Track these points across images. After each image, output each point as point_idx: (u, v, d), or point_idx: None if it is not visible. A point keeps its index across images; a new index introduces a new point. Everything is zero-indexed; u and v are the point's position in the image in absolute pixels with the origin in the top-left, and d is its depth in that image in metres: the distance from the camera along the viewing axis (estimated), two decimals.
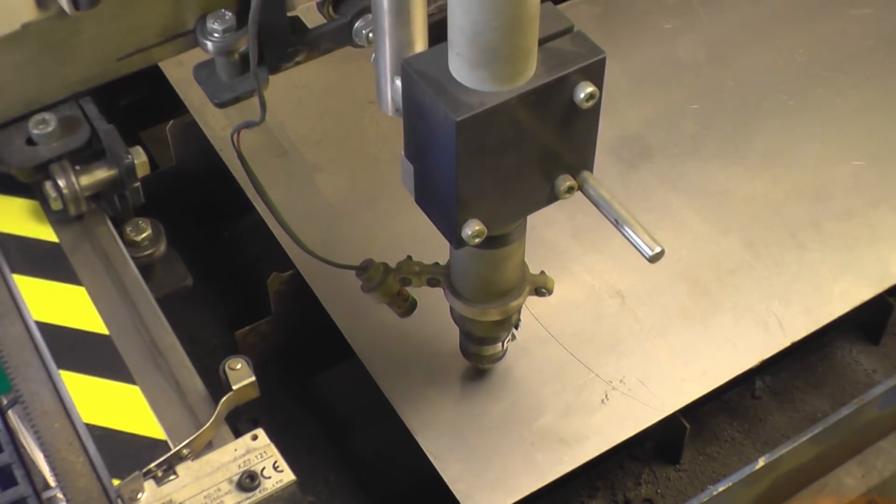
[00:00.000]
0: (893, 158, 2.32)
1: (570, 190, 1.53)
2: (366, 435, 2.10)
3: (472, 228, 1.49)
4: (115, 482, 1.48)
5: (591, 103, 1.44)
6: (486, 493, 1.83)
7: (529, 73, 1.40)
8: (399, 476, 2.03)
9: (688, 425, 1.99)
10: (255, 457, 1.52)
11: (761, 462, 1.87)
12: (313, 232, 2.17)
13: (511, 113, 1.41)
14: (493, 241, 1.57)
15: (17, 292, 1.70)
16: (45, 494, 1.83)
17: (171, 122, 2.29)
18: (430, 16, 1.58)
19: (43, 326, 1.65)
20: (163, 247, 1.86)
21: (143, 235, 1.84)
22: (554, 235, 2.16)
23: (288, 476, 1.51)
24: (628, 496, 2.01)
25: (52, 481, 1.71)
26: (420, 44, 1.58)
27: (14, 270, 1.73)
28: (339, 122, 2.35)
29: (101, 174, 1.79)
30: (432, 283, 1.79)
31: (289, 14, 1.82)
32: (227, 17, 1.76)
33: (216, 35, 1.76)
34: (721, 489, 1.84)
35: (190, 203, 2.36)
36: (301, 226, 2.17)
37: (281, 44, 1.79)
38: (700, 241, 2.17)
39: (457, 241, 1.51)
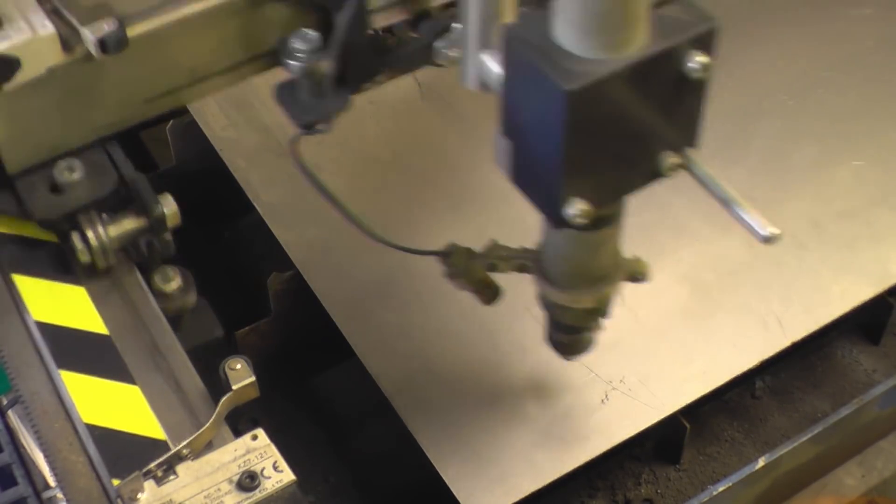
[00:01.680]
0: (893, 158, 2.32)
1: (675, 167, 1.45)
2: (366, 435, 2.10)
3: (577, 207, 1.40)
4: (115, 482, 1.48)
5: (701, 74, 1.36)
6: (486, 493, 1.83)
7: (641, 40, 1.32)
8: (399, 476, 2.03)
9: (688, 425, 1.99)
10: (255, 457, 1.52)
11: (761, 462, 1.87)
12: (313, 232, 2.17)
13: (622, 83, 1.31)
14: (593, 224, 1.47)
15: (17, 292, 1.70)
16: (45, 494, 1.83)
17: (171, 121, 2.29)
18: None
19: (43, 326, 1.65)
20: (192, 297, 1.78)
21: (172, 285, 1.76)
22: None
23: (288, 476, 1.51)
24: (628, 496, 2.01)
25: (52, 481, 1.71)
26: (509, 15, 1.50)
27: (14, 270, 1.72)
28: (339, 123, 2.34)
29: (129, 224, 1.71)
30: (521, 268, 1.71)
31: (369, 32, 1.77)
32: (311, 37, 1.69)
33: (300, 55, 1.69)
34: (721, 489, 1.84)
35: (190, 203, 2.36)
36: (301, 226, 2.18)
37: (363, 63, 1.74)
38: (700, 241, 2.17)
39: (559, 222, 1.42)
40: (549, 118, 1.34)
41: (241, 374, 1.59)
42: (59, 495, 1.57)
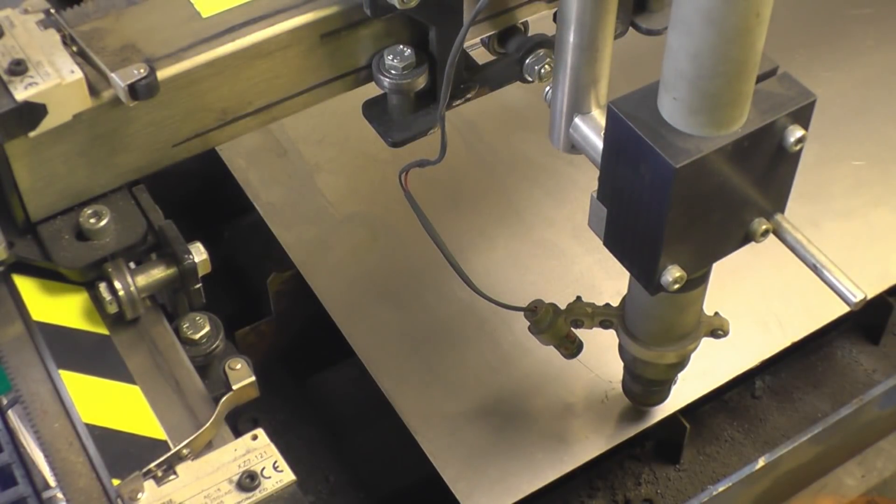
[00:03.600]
0: (893, 158, 2.32)
1: (766, 233, 1.51)
2: (366, 435, 2.11)
3: (673, 275, 1.45)
4: (115, 482, 1.48)
5: (799, 147, 1.41)
6: (486, 493, 1.83)
7: (744, 117, 1.37)
8: (399, 476, 2.03)
9: (688, 425, 1.99)
10: (255, 457, 1.52)
11: (761, 462, 1.87)
12: (313, 232, 2.17)
13: (725, 159, 1.37)
14: (684, 286, 1.51)
15: (17, 292, 1.70)
16: (45, 494, 1.83)
17: None
18: None
19: (43, 326, 1.65)
20: (221, 343, 1.70)
21: (202, 333, 1.68)
22: (554, 235, 2.16)
23: (288, 476, 1.51)
24: (628, 496, 2.01)
25: (52, 481, 1.70)
26: (603, 83, 1.55)
27: (14, 270, 1.72)
28: (339, 122, 2.35)
29: (158, 273, 1.64)
30: (605, 324, 1.77)
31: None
32: (406, 54, 1.66)
33: (394, 72, 1.67)
34: (721, 489, 1.84)
35: (190, 203, 2.36)
36: (301, 226, 2.18)
37: (455, 81, 1.70)
38: None
39: (655, 288, 1.47)
40: (655, 191, 1.38)
41: (241, 374, 1.59)
42: (59, 495, 1.56)
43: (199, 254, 1.65)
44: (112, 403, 1.58)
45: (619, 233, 1.50)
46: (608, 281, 2.07)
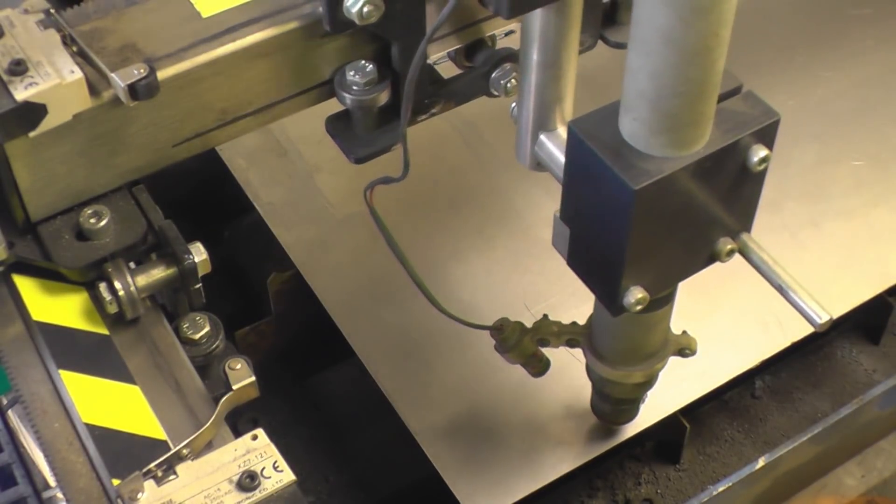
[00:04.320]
0: (893, 158, 2.32)
1: (731, 252, 1.49)
2: (366, 435, 2.10)
3: (635, 296, 1.43)
4: (115, 482, 1.48)
5: (762, 167, 1.40)
6: (486, 493, 1.83)
7: (706, 137, 1.35)
8: (399, 476, 2.03)
9: (688, 425, 1.99)
10: (255, 457, 1.52)
11: (761, 462, 1.87)
12: (313, 232, 2.17)
13: (687, 179, 1.36)
14: (649, 306, 1.50)
15: (17, 292, 1.70)
16: (45, 494, 1.83)
17: None
18: None
19: (43, 326, 1.65)
20: (221, 343, 1.71)
21: (202, 333, 1.68)
22: None
23: (288, 476, 1.51)
24: (628, 496, 2.01)
25: (52, 481, 1.70)
26: (568, 100, 1.53)
27: (14, 270, 1.72)
28: None
29: (158, 273, 1.64)
30: (572, 343, 1.75)
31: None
32: (367, 69, 1.64)
33: (356, 88, 1.65)
34: (721, 489, 1.84)
35: (190, 203, 2.36)
36: (301, 226, 2.18)
37: (420, 95, 1.70)
38: None
39: (617, 309, 1.46)
40: (615, 213, 1.37)
41: (241, 374, 1.59)
42: (59, 495, 1.56)
43: (199, 254, 1.65)
44: (112, 403, 1.58)
45: (581, 253, 1.49)
46: None
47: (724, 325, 2.05)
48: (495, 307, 2.04)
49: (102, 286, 1.62)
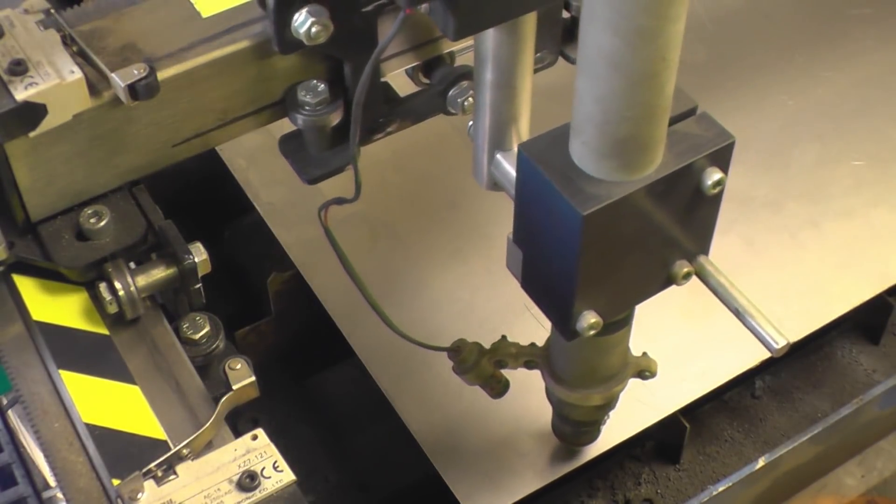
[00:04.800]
0: (893, 158, 2.32)
1: (688, 276, 1.47)
2: (366, 435, 2.10)
3: (588, 321, 1.41)
4: (115, 482, 1.48)
5: (717, 190, 1.37)
6: (486, 493, 1.83)
7: (658, 161, 1.33)
8: (399, 476, 2.03)
9: (688, 425, 1.99)
10: (255, 457, 1.52)
11: (761, 462, 1.87)
12: (314, 232, 2.17)
13: (637, 203, 1.33)
14: (603, 330, 1.47)
15: (18, 292, 1.70)
16: (45, 494, 1.83)
17: None
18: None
19: (43, 326, 1.65)
20: (221, 343, 1.71)
21: (202, 333, 1.69)
22: None
23: (288, 476, 1.51)
24: (628, 496, 2.01)
25: (52, 481, 1.70)
26: (524, 120, 1.51)
27: (14, 270, 1.72)
28: None
29: (158, 273, 1.64)
30: (529, 365, 1.73)
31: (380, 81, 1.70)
32: (319, 89, 1.62)
33: (307, 108, 1.63)
34: (721, 489, 1.84)
35: (190, 203, 2.36)
36: (301, 226, 2.18)
37: (373, 114, 1.68)
38: None
39: (570, 334, 1.44)
40: (564, 237, 1.34)
41: (241, 374, 1.59)
42: (59, 495, 1.56)
43: (199, 254, 1.65)
44: (112, 403, 1.58)
45: (534, 276, 1.46)
46: None
47: (724, 325, 2.03)
48: (495, 306, 2.04)
49: (102, 286, 1.62)
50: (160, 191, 1.83)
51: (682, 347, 2.00)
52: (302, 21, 1.48)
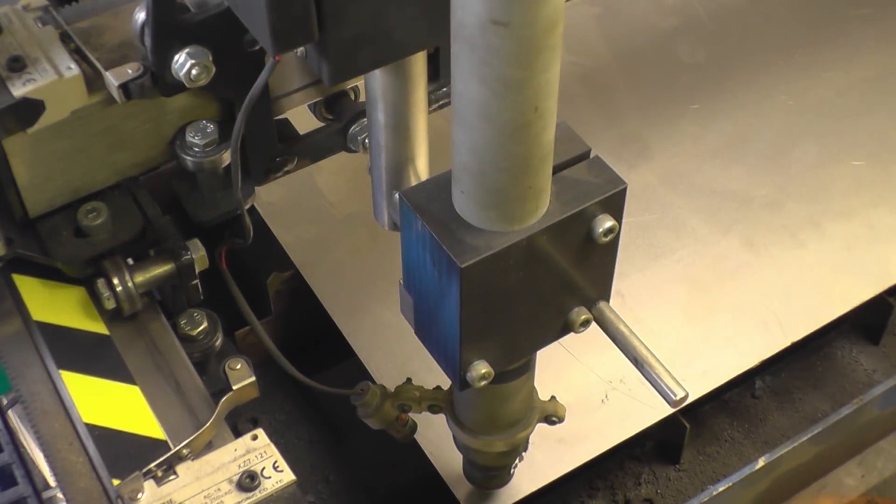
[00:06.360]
0: (893, 158, 2.32)
1: (586, 323, 1.42)
2: (366, 435, 2.10)
3: (478, 371, 1.37)
4: (115, 482, 1.48)
5: (609, 238, 1.32)
6: (486, 493, 1.83)
7: (542, 209, 1.28)
8: (399, 476, 2.03)
9: (688, 425, 1.98)
10: (255, 457, 1.52)
11: (761, 462, 1.86)
12: (314, 232, 2.17)
13: (521, 253, 1.28)
14: (499, 378, 1.43)
15: (18, 292, 1.70)
16: (45, 494, 1.83)
17: None
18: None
19: (43, 326, 1.65)
20: (219, 340, 1.72)
21: (199, 329, 1.70)
22: None
23: (288, 476, 1.51)
24: (628, 496, 2.01)
25: (52, 481, 1.70)
26: (421, 160, 1.47)
27: (14, 270, 1.72)
28: None
29: (155, 269, 1.65)
30: (434, 409, 1.69)
31: (277, 118, 1.67)
32: (208, 130, 1.61)
33: (196, 150, 1.61)
34: (721, 489, 1.84)
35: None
36: (301, 226, 2.18)
37: (268, 153, 1.65)
38: (700, 241, 2.17)
39: (461, 384, 1.40)
40: (446, 288, 1.30)
41: (241, 374, 1.59)
42: (59, 495, 1.56)
43: (196, 250, 1.66)
44: (112, 403, 1.58)
45: (425, 324, 1.42)
46: None
47: (724, 325, 2.04)
48: None
49: (100, 282, 1.63)
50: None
51: (682, 347, 2.00)
52: (182, 63, 1.46)
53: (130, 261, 1.67)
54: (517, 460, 1.77)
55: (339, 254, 2.14)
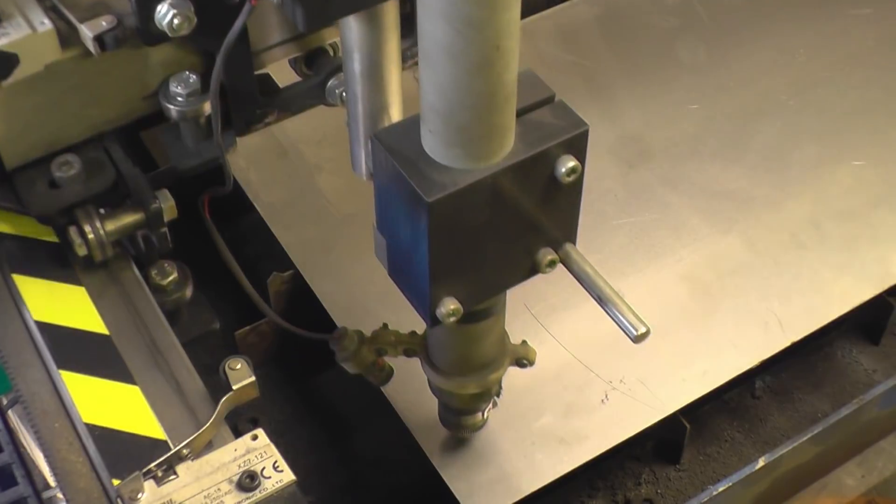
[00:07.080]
0: (893, 158, 2.32)
1: (552, 264, 1.47)
2: (365, 435, 2.10)
3: (447, 308, 1.42)
4: (115, 482, 1.48)
5: (572, 178, 1.37)
6: (486, 492, 1.83)
7: (507, 148, 1.33)
8: (398, 475, 2.03)
9: (688, 425, 1.99)
10: (255, 457, 1.52)
11: (761, 462, 1.86)
12: (313, 232, 2.17)
13: (487, 191, 1.34)
14: (470, 317, 1.49)
15: (18, 292, 1.70)
16: (45, 494, 1.84)
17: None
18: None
19: (43, 326, 1.65)
20: (189, 291, 1.78)
21: (169, 279, 1.76)
22: None
23: (288, 476, 1.51)
24: (628, 496, 2.01)
25: (52, 481, 1.71)
26: (395, 108, 1.51)
27: (14, 270, 1.73)
28: (339, 123, 2.34)
29: (126, 219, 1.71)
30: (409, 353, 1.74)
31: (258, 73, 1.73)
32: (191, 81, 1.67)
33: (179, 99, 1.67)
34: (721, 489, 1.84)
35: (190, 203, 2.36)
36: (301, 226, 2.18)
37: (249, 105, 1.71)
38: (700, 241, 2.17)
39: (431, 320, 1.45)
40: (416, 224, 1.35)
41: (241, 374, 1.59)
42: (59, 495, 1.57)
43: (165, 199, 1.72)
44: (112, 403, 1.59)
45: (397, 264, 1.47)
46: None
47: (724, 325, 2.05)
48: None
49: (72, 229, 1.69)
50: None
51: (682, 347, 2.00)
52: (164, 13, 1.52)
53: (102, 210, 1.72)
54: (490, 405, 1.80)
55: (339, 254, 2.14)
